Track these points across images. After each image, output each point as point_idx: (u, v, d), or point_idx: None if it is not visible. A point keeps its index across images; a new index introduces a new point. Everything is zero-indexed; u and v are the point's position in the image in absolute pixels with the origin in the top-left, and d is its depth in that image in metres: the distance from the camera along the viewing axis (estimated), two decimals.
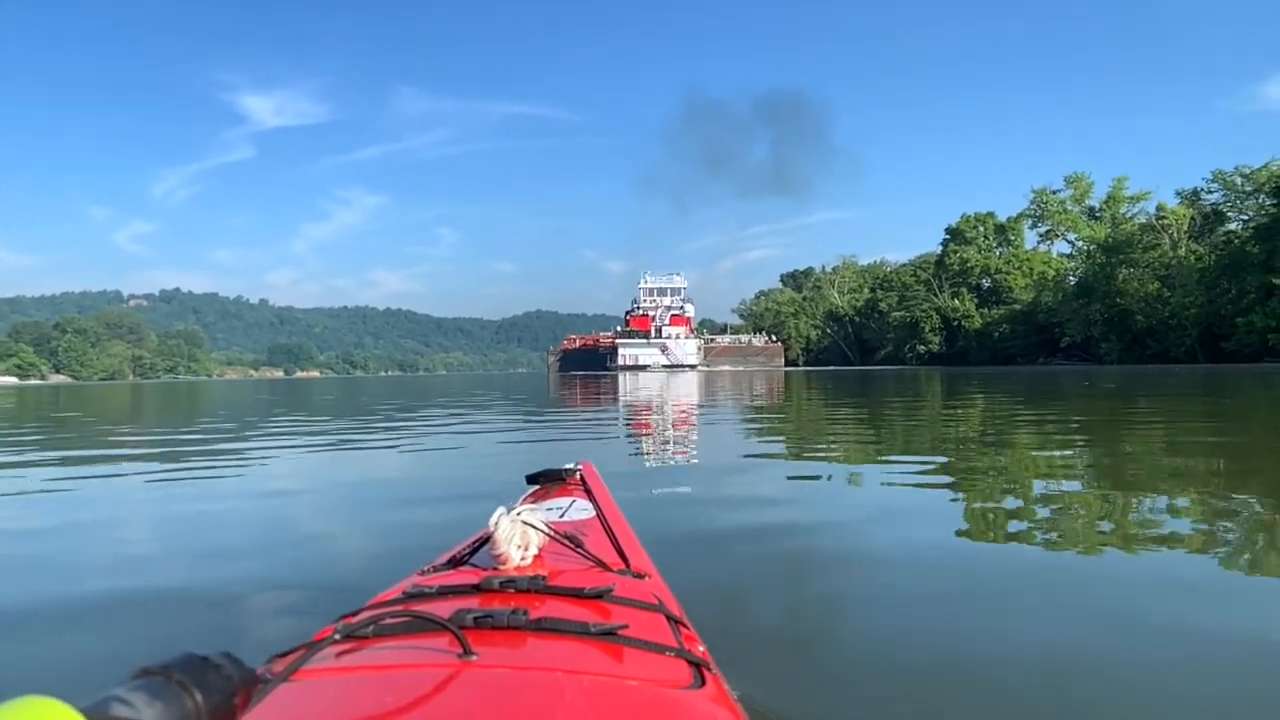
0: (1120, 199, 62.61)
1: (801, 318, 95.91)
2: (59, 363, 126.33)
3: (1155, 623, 1.98)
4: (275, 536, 3.21)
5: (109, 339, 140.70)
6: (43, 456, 6.67)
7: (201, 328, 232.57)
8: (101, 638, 1.93)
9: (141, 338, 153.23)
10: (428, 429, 8.83)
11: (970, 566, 2.62)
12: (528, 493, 1.75)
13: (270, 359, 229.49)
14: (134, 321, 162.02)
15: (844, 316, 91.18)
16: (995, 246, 74.21)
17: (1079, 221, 65.65)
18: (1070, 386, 18.17)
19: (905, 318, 76.07)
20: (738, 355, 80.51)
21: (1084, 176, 66.46)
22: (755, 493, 4.19)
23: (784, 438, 7.80)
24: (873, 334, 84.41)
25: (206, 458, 6.25)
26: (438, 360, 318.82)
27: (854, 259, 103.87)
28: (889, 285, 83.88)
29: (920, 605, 2.15)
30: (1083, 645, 1.81)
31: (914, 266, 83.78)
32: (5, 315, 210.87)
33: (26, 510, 3.95)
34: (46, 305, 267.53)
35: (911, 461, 5.35)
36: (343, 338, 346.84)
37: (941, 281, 74.54)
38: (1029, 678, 1.66)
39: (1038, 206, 68.41)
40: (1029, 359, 60.54)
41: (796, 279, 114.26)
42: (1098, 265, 57.95)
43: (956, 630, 1.94)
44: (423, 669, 0.80)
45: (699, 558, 2.63)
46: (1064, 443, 6.57)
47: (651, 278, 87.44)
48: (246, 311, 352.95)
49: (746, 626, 1.98)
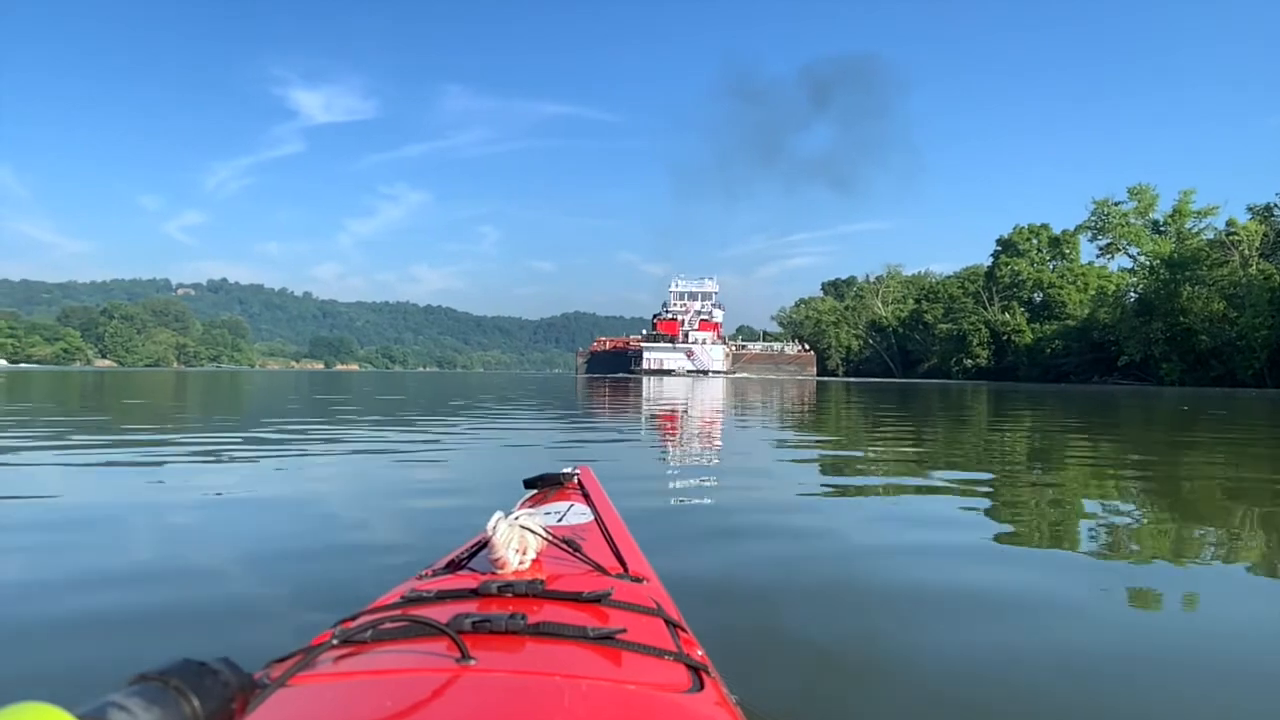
0: (1186, 213, 59.60)
1: (843, 327, 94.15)
2: (105, 348, 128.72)
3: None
4: (274, 539, 3.05)
5: (155, 326, 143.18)
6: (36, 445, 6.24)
7: (246, 318, 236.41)
8: (97, 643, 1.86)
9: (187, 326, 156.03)
10: (422, 433, 7.98)
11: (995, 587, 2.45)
12: (525, 497, 1.75)
13: (311, 351, 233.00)
14: (180, 310, 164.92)
15: (887, 327, 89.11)
16: (1049, 260, 71.64)
17: (1142, 235, 62.63)
18: (1151, 409, 16.21)
19: (952, 330, 74.00)
20: (768, 363, 78.63)
21: (1148, 188, 63.43)
22: (763, 506, 4.05)
23: (802, 450, 6.98)
24: (917, 346, 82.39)
25: (211, 457, 5.81)
26: (475, 358, 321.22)
27: (899, 268, 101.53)
28: (935, 296, 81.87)
29: (924, 615, 2.14)
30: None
31: (961, 278, 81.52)
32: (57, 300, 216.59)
33: (23, 511, 3.68)
34: (97, 291, 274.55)
35: (948, 483, 4.83)
36: (383, 332, 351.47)
37: (991, 294, 72.40)
38: (1055, 700, 1.61)
39: (1098, 218, 65.42)
40: (1083, 377, 57.91)
41: (838, 287, 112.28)
42: (1161, 281, 55.05)
43: (958, 643, 1.90)
44: (421, 674, 0.80)
45: (700, 562, 2.63)
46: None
47: (683, 281, 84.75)
48: (290, 304, 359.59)
49: (746, 631, 1.96)
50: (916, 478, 5.06)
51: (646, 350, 74.75)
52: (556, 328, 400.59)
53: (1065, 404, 18.17)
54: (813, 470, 5.67)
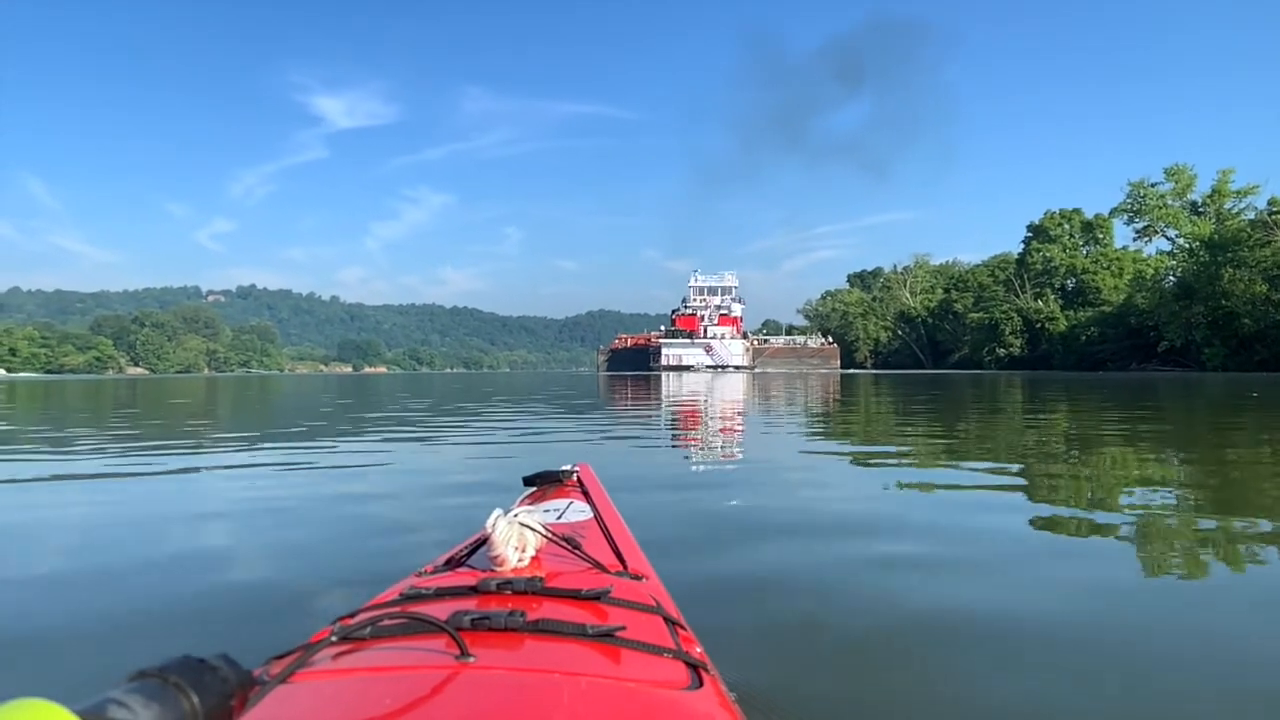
0: (1226, 193, 57.57)
1: (870, 318, 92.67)
2: (137, 356, 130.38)
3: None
4: (273, 538, 3.04)
5: (185, 333, 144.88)
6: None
7: (275, 323, 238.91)
8: (96, 640, 1.87)
9: (217, 332, 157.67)
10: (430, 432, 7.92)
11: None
12: (525, 494, 1.74)
13: (340, 354, 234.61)
14: (210, 316, 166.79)
15: (916, 318, 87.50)
16: (1081, 245, 69.72)
17: (1180, 217, 60.49)
18: (1209, 396, 15.10)
19: (983, 319, 72.40)
20: (790, 356, 76.93)
21: (1185, 168, 61.20)
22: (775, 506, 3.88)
23: (821, 442, 6.73)
24: (947, 336, 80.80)
25: (218, 457, 5.95)
26: (502, 358, 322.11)
27: (927, 258, 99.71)
28: (964, 285, 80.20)
29: (932, 619, 2.04)
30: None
31: (991, 266, 79.76)
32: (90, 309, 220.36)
33: (24, 510, 3.83)
34: (130, 300, 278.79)
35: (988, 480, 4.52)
36: (410, 334, 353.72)
37: (1023, 281, 70.63)
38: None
39: (1134, 200, 63.27)
40: (1120, 364, 56.13)
41: (864, 279, 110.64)
42: (1201, 264, 53.08)
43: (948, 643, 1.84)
44: (420, 671, 0.80)
45: (703, 562, 2.57)
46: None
47: (702, 276, 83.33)
48: (318, 308, 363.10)
49: (746, 629, 1.92)
50: (948, 470, 4.81)
51: (665, 346, 73.81)
52: (581, 326, 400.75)
53: (1115, 392, 17.09)
54: (828, 466, 5.46)
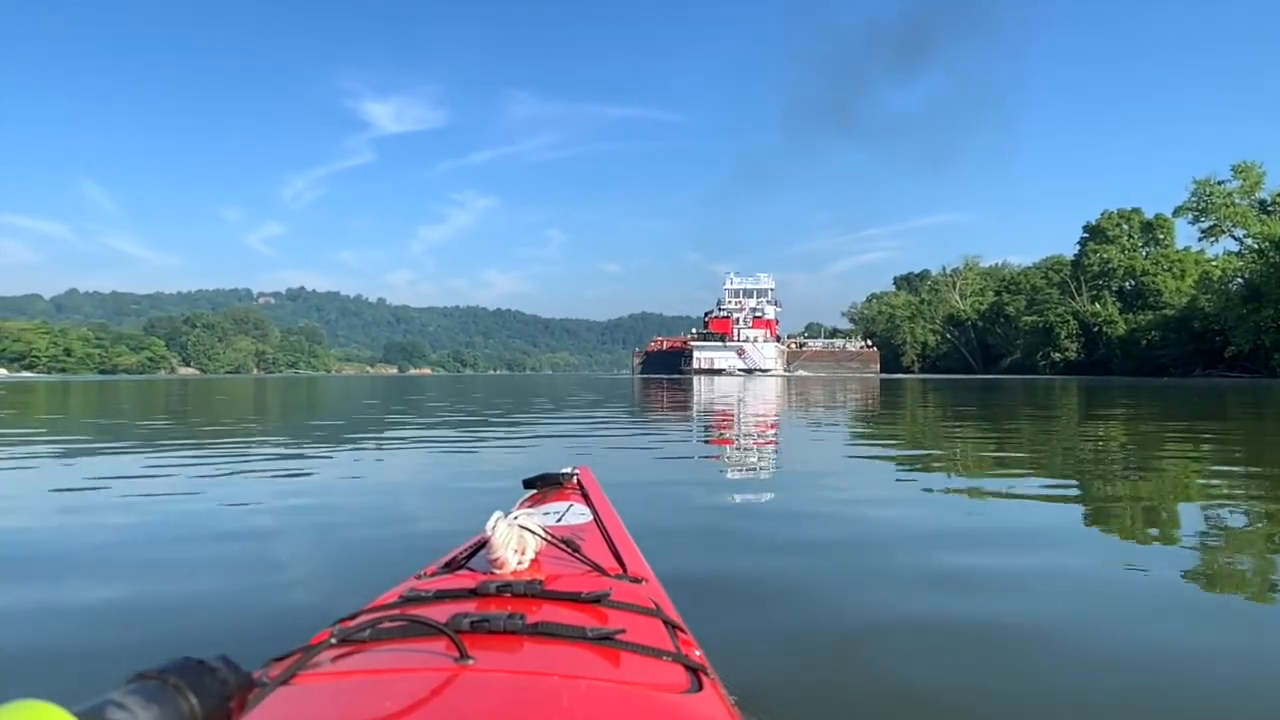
0: None
1: (918, 321, 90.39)
2: (188, 356, 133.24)
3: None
4: (273, 540, 3.10)
5: (235, 334, 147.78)
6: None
7: (323, 325, 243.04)
8: (97, 641, 1.89)
9: (266, 333, 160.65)
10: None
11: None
12: (525, 497, 1.74)
13: (386, 356, 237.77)
14: (259, 318, 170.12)
15: (966, 321, 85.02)
16: (1141, 246, 66.81)
17: (1249, 216, 57.45)
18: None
19: (1037, 323, 69.84)
20: (829, 360, 74.83)
21: (1254, 166, 58.15)
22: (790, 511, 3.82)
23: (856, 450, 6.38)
24: (998, 340, 78.28)
25: (226, 459, 5.90)
26: (544, 360, 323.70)
27: (977, 260, 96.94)
28: (1016, 288, 77.70)
29: (922, 613, 2.07)
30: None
31: (1044, 268, 77.08)
32: (145, 311, 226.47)
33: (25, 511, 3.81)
34: (183, 301, 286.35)
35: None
36: (455, 337, 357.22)
37: (1079, 284, 67.96)
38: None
39: (1199, 199, 60.21)
40: (1184, 370, 53.37)
41: (911, 282, 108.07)
42: (1271, 265, 50.20)
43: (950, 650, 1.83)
44: (419, 673, 0.79)
45: (710, 563, 2.60)
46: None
47: (737, 278, 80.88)
48: (365, 310, 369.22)
49: (746, 633, 1.93)
50: (994, 480, 4.71)
51: (696, 350, 72.16)
52: (623, 329, 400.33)
53: (1181, 399, 15.58)
54: (860, 474, 5.41)
